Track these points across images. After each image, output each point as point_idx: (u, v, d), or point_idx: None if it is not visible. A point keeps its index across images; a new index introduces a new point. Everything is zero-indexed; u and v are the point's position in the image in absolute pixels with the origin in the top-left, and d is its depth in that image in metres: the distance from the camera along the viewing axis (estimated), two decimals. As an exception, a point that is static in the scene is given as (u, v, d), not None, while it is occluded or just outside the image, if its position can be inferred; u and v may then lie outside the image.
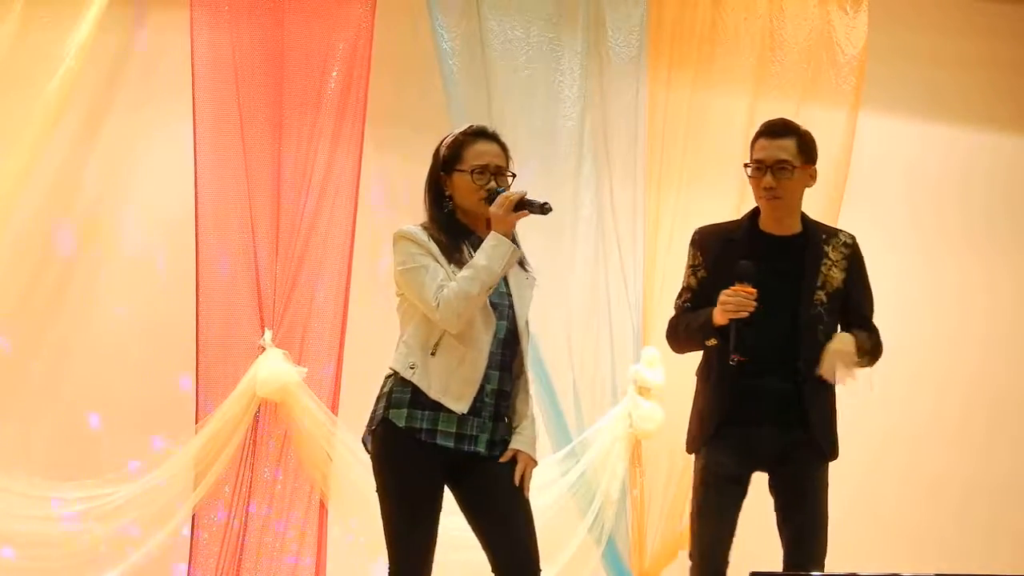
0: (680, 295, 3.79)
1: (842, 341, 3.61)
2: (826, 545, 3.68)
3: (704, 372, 3.76)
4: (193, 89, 4.87)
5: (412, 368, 3.38)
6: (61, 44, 4.73)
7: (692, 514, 3.71)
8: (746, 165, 3.72)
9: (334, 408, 4.89)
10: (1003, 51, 5.98)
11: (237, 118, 4.90)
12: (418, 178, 3.64)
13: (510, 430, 3.45)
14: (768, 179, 3.63)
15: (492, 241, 3.33)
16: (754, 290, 3.49)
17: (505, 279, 3.46)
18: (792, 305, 3.62)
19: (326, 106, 4.98)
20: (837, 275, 3.68)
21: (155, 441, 4.93)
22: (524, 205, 3.34)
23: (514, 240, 3.40)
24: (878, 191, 5.74)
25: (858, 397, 3.88)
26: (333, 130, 4.98)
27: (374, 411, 3.44)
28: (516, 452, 3.43)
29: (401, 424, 3.36)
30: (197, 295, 4.83)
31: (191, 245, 4.85)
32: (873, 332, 3.73)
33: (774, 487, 3.72)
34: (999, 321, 5.90)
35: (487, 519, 3.41)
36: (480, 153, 3.46)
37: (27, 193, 4.82)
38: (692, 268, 3.75)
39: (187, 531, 4.78)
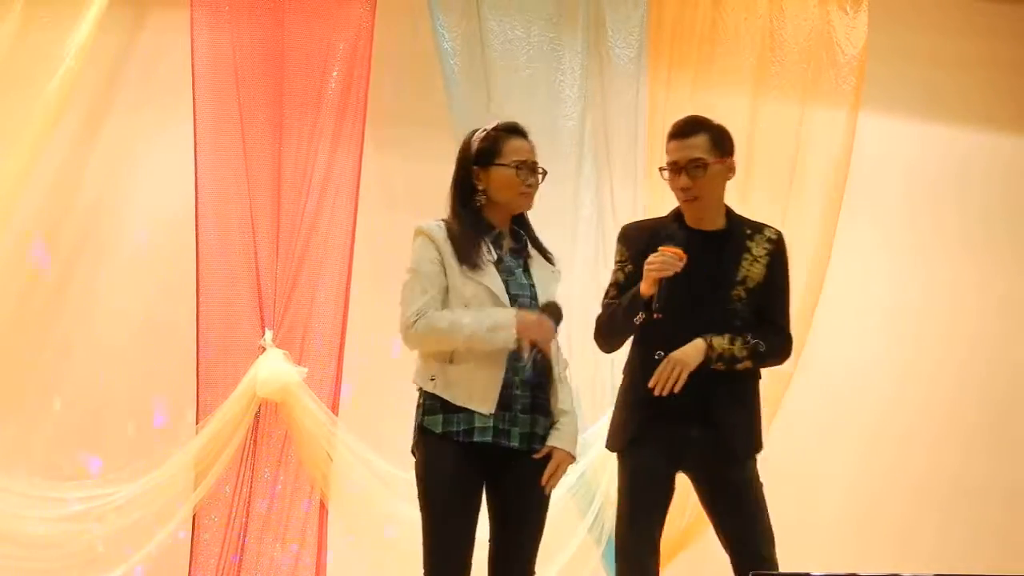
0: (607, 292, 3.75)
1: (684, 351, 3.53)
2: (773, 539, 3.61)
3: (627, 369, 3.74)
4: (193, 89, 4.87)
5: (432, 380, 3.40)
6: (61, 44, 4.73)
7: (618, 516, 3.67)
8: (661, 169, 3.68)
9: (334, 408, 4.88)
10: (1002, 51, 5.98)
11: (237, 118, 4.90)
12: (419, 178, 3.66)
13: (542, 427, 3.44)
14: (684, 179, 3.60)
15: (507, 319, 3.34)
16: (682, 252, 3.48)
17: (528, 270, 3.51)
18: (712, 302, 3.59)
19: (326, 106, 4.98)
20: (758, 270, 3.64)
21: (155, 441, 4.92)
22: (538, 347, 3.40)
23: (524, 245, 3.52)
24: (877, 191, 5.74)
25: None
26: (333, 130, 4.98)
27: (415, 423, 3.47)
28: (552, 449, 3.42)
29: (438, 430, 3.37)
30: (197, 295, 4.83)
31: (191, 245, 4.85)
32: (772, 334, 3.66)
33: (700, 488, 3.69)
34: (995, 321, 5.90)
35: (502, 520, 3.43)
36: (518, 148, 3.50)
37: (28, 193, 4.82)
38: (620, 264, 3.72)
39: (187, 531, 4.78)
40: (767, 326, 3.67)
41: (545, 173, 3.54)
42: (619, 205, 5.22)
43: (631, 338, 3.72)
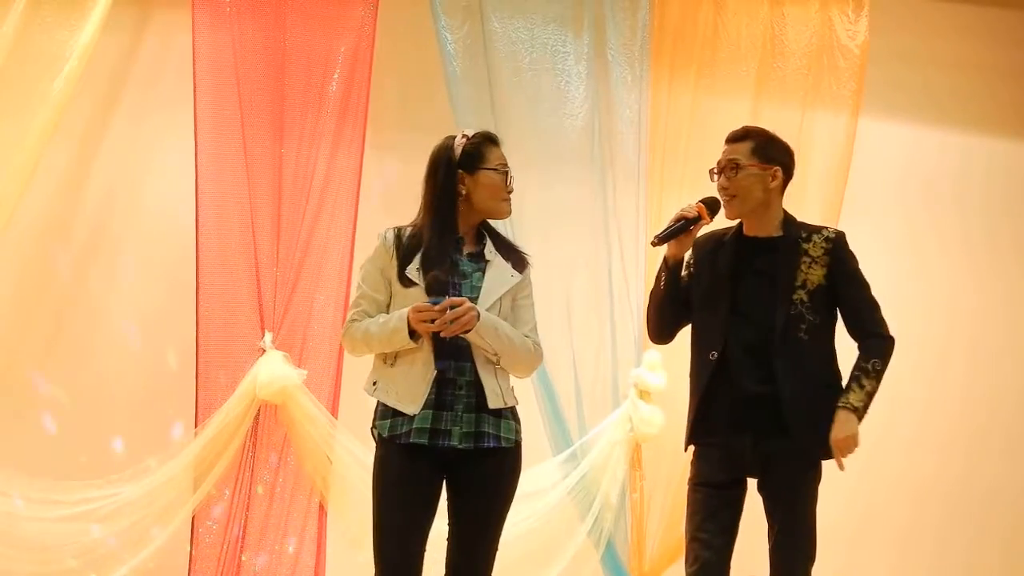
0: None
1: (842, 427, 3.60)
2: (812, 552, 3.64)
3: (691, 369, 3.78)
4: (195, 91, 4.87)
5: (374, 385, 3.48)
6: (64, 45, 4.73)
7: (687, 519, 3.72)
8: (711, 172, 3.80)
9: (334, 410, 4.88)
10: (1002, 56, 5.98)
11: (238, 120, 4.90)
12: (420, 181, 3.64)
13: (497, 422, 3.44)
14: (721, 180, 3.73)
15: (400, 319, 3.37)
16: (700, 205, 3.69)
17: (485, 272, 3.49)
18: (770, 307, 3.63)
19: (327, 108, 4.98)
20: (818, 272, 3.67)
21: (155, 443, 4.92)
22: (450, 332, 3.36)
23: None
24: (877, 194, 5.74)
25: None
26: (334, 132, 4.98)
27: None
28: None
29: (386, 434, 3.43)
30: (197, 297, 4.82)
31: (192, 246, 4.85)
32: (877, 346, 3.71)
33: (761, 494, 3.71)
34: (995, 323, 5.90)
35: (457, 520, 3.46)
36: (501, 156, 3.57)
37: (31, 194, 4.82)
38: (685, 266, 3.82)
39: (187, 534, 4.78)
40: (870, 339, 3.72)
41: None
42: (621, 208, 5.22)
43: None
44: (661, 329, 3.84)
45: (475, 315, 3.34)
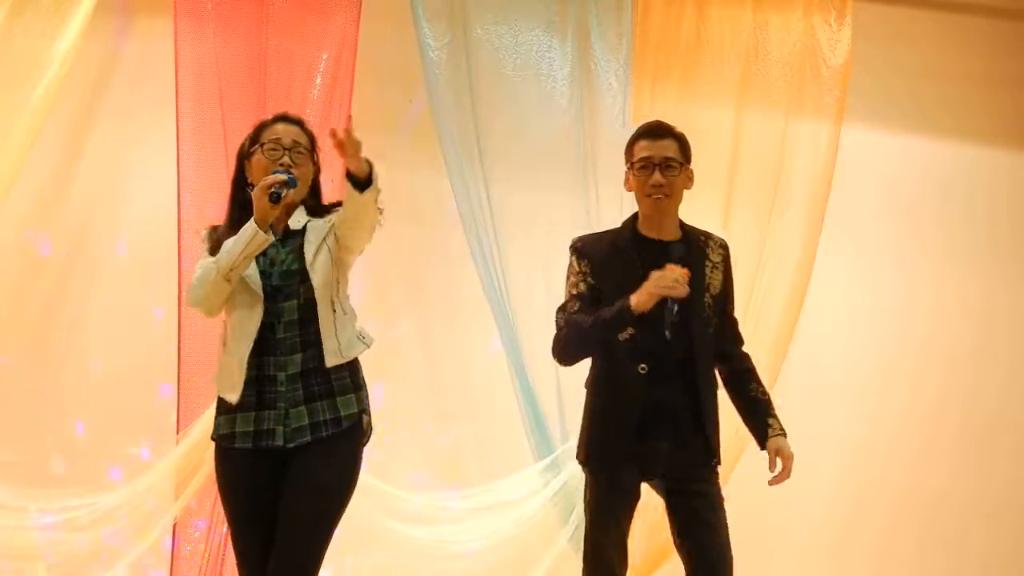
0: (568, 303, 3.62)
1: (785, 446, 3.63)
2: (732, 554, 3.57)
3: (601, 382, 3.62)
4: (176, 98, 4.87)
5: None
6: (46, 51, 4.73)
7: (590, 525, 3.58)
8: (631, 166, 3.67)
9: (316, 418, 4.86)
10: (982, 65, 5.98)
11: (220, 127, 4.90)
12: (403, 187, 3.64)
13: (330, 409, 3.25)
14: (657, 176, 3.60)
15: (250, 224, 3.20)
16: (687, 272, 3.42)
17: (302, 254, 3.30)
18: (687, 310, 3.53)
19: (310, 116, 4.95)
20: (718, 277, 3.65)
21: (137, 451, 4.91)
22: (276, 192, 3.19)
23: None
24: (861, 203, 5.74)
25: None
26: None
27: None
28: None
29: (214, 434, 3.31)
30: (179, 304, 4.81)
31: (175, 251, 4.84)
32: (750, 361, 3.74)
33: (674, 503, 3.61)
34: (977, 332, 5.90)
35: (281, 516, 3.25)
36: (277, 131, 3.40)
37: (12, 202, 4.81)
38: (580, 275, 3.62)
39: (168, 542, 4.77)
40: (746, 357, 3.73)
41: (315, 159, 3.39)
42: (604, 215, 5.21)
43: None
44: (579, 359, 3.66)
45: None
